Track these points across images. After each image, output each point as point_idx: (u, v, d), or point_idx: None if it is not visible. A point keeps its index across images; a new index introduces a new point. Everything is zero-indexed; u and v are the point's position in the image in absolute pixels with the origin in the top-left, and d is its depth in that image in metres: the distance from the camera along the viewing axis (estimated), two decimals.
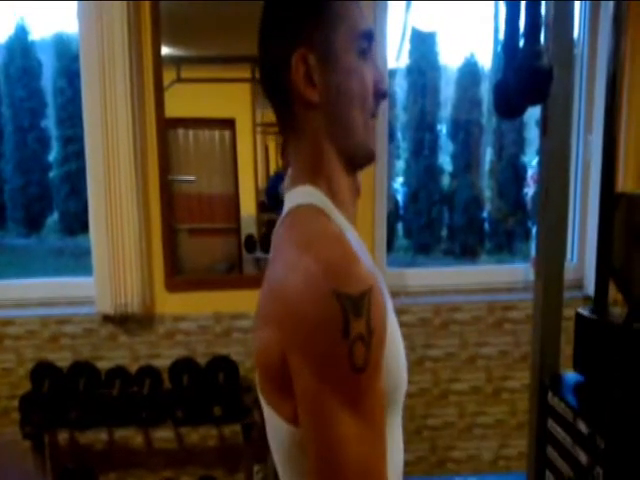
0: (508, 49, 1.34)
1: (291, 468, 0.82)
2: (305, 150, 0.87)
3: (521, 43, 1.30)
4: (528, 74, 1.27)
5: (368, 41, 0.85)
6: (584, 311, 1.58)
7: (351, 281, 0.71)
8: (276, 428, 0.80)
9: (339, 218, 0.83)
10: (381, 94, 0.88)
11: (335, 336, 0.69)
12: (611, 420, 1.37)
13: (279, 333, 0.74)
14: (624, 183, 2.59)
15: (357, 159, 0.89)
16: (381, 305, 0.74)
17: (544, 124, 1.49)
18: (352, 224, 0.87)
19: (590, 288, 2.61)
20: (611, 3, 1.50)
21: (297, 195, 0.86)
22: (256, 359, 0.81)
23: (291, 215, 0.84)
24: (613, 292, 1.70)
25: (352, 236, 0.81)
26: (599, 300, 1.62)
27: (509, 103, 1.38)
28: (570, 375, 1.65)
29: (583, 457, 1.39)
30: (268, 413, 0.82)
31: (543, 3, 1.36)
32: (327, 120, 0.84)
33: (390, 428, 0.81)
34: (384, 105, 2.68)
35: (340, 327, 0.69)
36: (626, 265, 1.50)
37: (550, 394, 1.60)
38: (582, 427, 1.41)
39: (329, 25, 0.83)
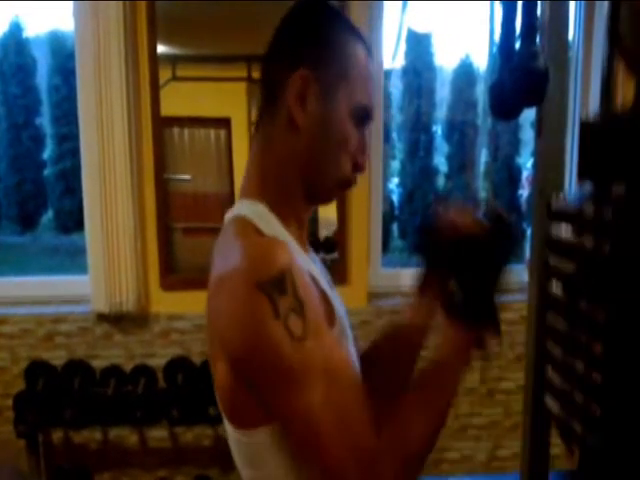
0: (504, 50, 1.34)
1: (252, 473, 0.85)
2: (269, 165, 0.87)
3: (517, 44, 1.30)
4: (524, 75, 1.27)
5: (364, 115, 0.87)
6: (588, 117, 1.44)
7: (269, 266, 0.73)
8: (238, 440, 0.84)
9: (278, 229, 0.84)
10: (357, 164, 0.88)
11: (267, 322, 0.71)
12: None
13: (226, 354, 0.77)
14: None
15: (316, 198, 0.91)
16: (303, 278, 0.76)
17: (539, 125, 1.49)
18: (302, 245, 0.89)
19: None
20: (605, 3, 1.50)
21: (238, 207, 0.88)
22: (216, 386, 0.84)
23: (225, 229, 0.87)
24: None
25: (296, 250, 0.83)
26: (604, 103, 1.53)
27: (505, 104, 1.38)
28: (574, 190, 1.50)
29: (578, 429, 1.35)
30: (229, 429, 0.86)
31: (539, 4, 1.37)
32: (302, 147, 0.85)
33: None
34: (379, 105, 2.69)
35: (269, 312, 0.71)
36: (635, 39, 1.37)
37: (554, 201, 1.48)
38: (579, 398, 1.35)
39: (340, 71, 0.84)
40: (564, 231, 1.45)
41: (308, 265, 0.84)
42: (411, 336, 1.07)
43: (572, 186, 1.55)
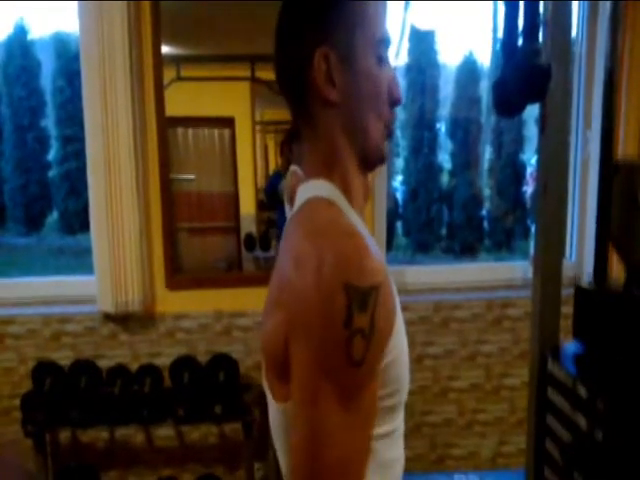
0: (507, 48, 1.35)
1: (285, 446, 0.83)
2: (320, 147, 0.88)
3: (520, 42, 1.31)
4: (526, 73, 1.27)
5: (385, 48, 0.87)
6: (583, 283, 1.59)
7: (361, 274, 0.71)
8: (275, 413, 0.82)
9: (352, 213, 0.84)
10: (396, 100, 0.89)
11: (337, 326, 0.69)
12: (611, 384, 1.38)
13: (285, 319, 0.75)
14: None
15: (370, 160, 0.90)
16: (388, 304, 0.74)
17: (543, 122, 1.49)
18: (364, 222, 0.88)
19: None
20: (609, 2, 1.50)
21: (311, 188, 0.87)
22: (262, 345, 0.82)
23: (304, 207, 0.85)
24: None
25: (365, 232, 0.82)
26: (598, 271, 1.63)
27: (508, 101, 1.39)
28: (569, 345, 1.65)
29: (583, 422, 1.39)
30: (270, 400, 0.83)
31: (541, 2, 1.37)
32: (343, 120, 0.85)
33: (392, 429, 0.82)
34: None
35: (343, 318, 0.69)
36: (625, 232, 1.51)
37: (550, 361, 1.60)
38: (582, 392, 1.41)
39: (350, 27, 0.83)
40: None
41: (376, 251, 0.79)
42: None
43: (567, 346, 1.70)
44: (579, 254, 2.83)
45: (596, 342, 1.47)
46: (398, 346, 0.79)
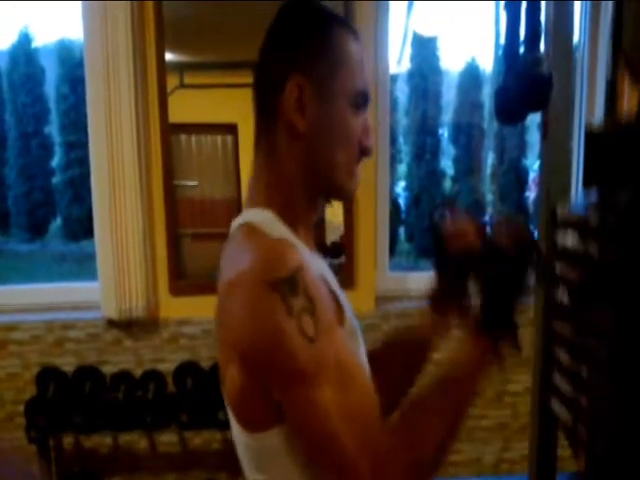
0: (508, 56, 1.36)
1: (259, 477, 0.85)
2: (274, 174, 0.88)
3: (521, 50, 1.32)
4: (528, 82, 1.28)
5: (362, 99, 0.87)
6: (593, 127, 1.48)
7: (279, 265, 0.74)
8: (248, 443, 0.84)
9: (283, 232, 0.85)
10: (364, 148, 0.88)
11: (280, 320, 0.72)
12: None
13: (239, 357, 0.78)
14: None
15: (330, 195, 0.92)
16: (314, 279, 0.77)
17: (545, 129, 1.50)
18: (305, 246, 0.88)
19: None
20: (610, 4, 1.50)
21: (245, 215, 0.88)
22: (230, 401, 0.84)
23: (232, 236, 0.88)
24: None
25: (305, 253, 0.83)
26: (609, 111, 1.56)
27: (510, 109, 1.39)
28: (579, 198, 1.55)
29: (594, 249, 1.32)
30: (239, 433, 0.85)
31: (543, 9, 1.38)
32: (307, 152, 0.86)
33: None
34: (385, 109, 2.70)
35: (281, 310, 0.72)
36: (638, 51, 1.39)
37: (560, 209, 1.51)
38: (593, 221, 1.32)
39: (331, 64, 0.84)
40: (570, 239, 1.46)
41: (318, 265, 0.85)
42: (421, 342, 1.09)
43: (578, 191, 1.55)
44: None
45: (609, 186, 1.30)
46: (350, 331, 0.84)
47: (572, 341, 1.40)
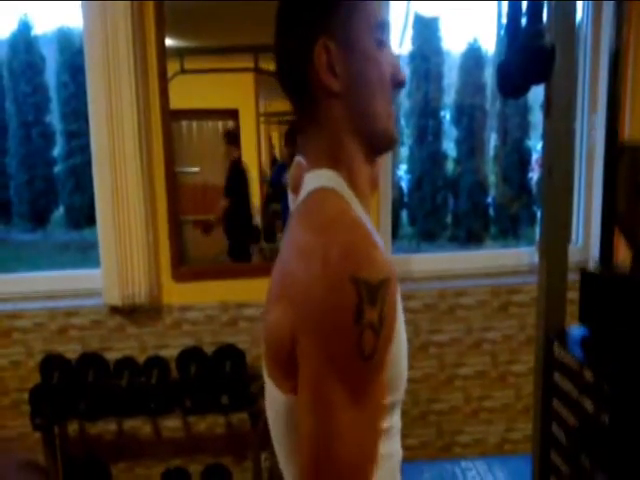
0: (510, 29, 1.33)
1: (286, 438, 0.83)
2: (324, 138, 0.87)
3: (523, 23, 1.30)
4: (530, 54, 1.26)
5: (383, 32, 0.86)
6: (589, 267, 1.59)
7: (370, 267, 0.70)
8: (275, 400, 0.81)
9: (357, 205, 0.84)
10: (398, 83, 0.88)
11: (347, 321, 0.68)
12: (617, 368, 1.37)
13: (291, 313, 0.74)
14: None
15: (379, 145, 0.90)
16: (395, 298, 0.73)
17: (547, 105, 1.48)
18: (368, 215, 0.87)
19: None
20: None
21: (316, 178, 0.86)
22: (264, 336, 0.81)
23: (308, 198, 0.84)
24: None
25: (370, 225, 0.81)
26: (604, 254, 1.62)
27: (512, 83, 1.38)
28: (575, 329, 1.65)
29: (589, 405, 1.39)
30: (269, 386, 0.83)
31: None
32: (349, 108, 0.85)
33: (388, 426, 0.81)
34: None
35: (353, 312, 0.68)
36: (630, 215, 1.50)
37: (556, 345, 1.60)
38: (588, 376, 1.41)
39: (347, 13, 0.83)
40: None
41: (381, 244, 0.79)
42: None
43: (573, 329, 1.69)
44: (585, 239, 2.81)
45: (602, 326, 1.46)
46: (398, 344, 0.78)
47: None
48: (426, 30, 8.95)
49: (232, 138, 2.65)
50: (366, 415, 0.71)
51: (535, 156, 8.69)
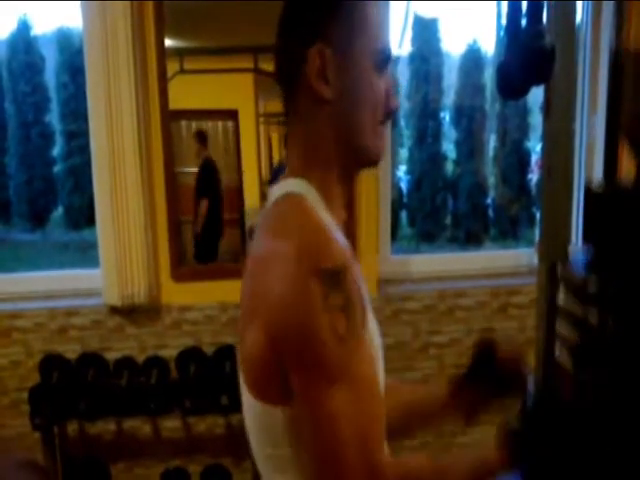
0: (510, 30, 1.34)
1: (269, 451, 0.85)
2: (305, 144, 0.88)
3: (523, 23, 1.30)
4: (530, 55, 1.27)
5: (384, 59, 0.87)
6: (593, 185, 1.55)
7: (330, 257, 0.74)
8: (257, 413, 0.84)
9: (324, 213, 0.85)
10: (390, 110, 0.89)
11: (316, 310, 0.72)
12: (622, 274, 1.31)
13: (266, 328, 0.77)
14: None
15: (360, 161, 0.91)
16: (357, 283, 0.77)
17: (547, 106, 1.48)
18: (339, 228, 0.88)
19: None
20: None
21: (286, 185, 0.87)
22: (244, 360, 0.85)
23: (274, 205, 0.86)
24: None
25: (338, 235, 0.82)
26: (608, 170, 1.59)
27: (512, 84, 1.38)
28: (578, 254, 1.61)
29: (593, 315, 1.36)
30: (247, 396, 0.86)
31: None
32: (336, 119, 0.86)
33: None
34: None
35: (320, 301, 0.72)
36: (637, 121, 1.45)
37: (559, 267, 1.57)
38: (592, 286, 1.37)
39: (351, 28, 0.84)
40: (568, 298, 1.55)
41: (344, 244, 0.84)
42: (430, 408, 1.15)
43: (577, 247, 1.64)
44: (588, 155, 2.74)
45: (607, 244, 1.37)
46: (371, 344, 0.81)
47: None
48: (426, 31, 8.96)
49: (202, 138, 2.67)
50: (359, 394, 0.74)
51: (534, 157, 8.69)
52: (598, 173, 2.63)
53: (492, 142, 9.13)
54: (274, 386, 0.79)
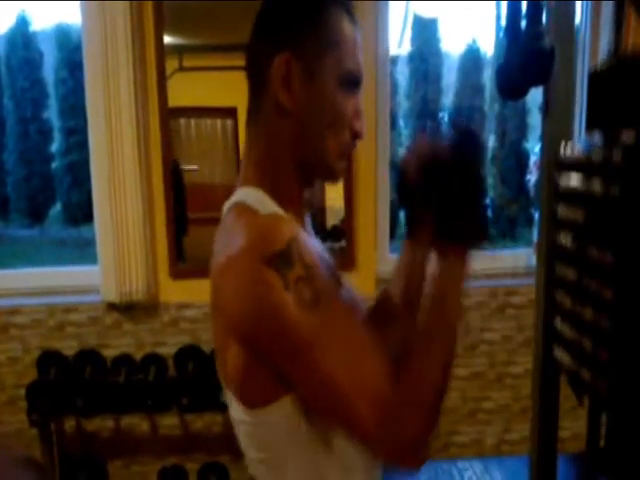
0: (510, 31, 1.34)
1: (262, 456, 0.87)
2: (264, 152, 0.88)
3: (523, 24, 1.30)
4: (529, 56, 1.27)
5: (352, 80, 0.85)
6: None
7: (273, 240, 0.74)
8: (253, 423, 0.84)
9: (275, 209, 0.84)
10: (356, 133, 0.87)
11: (279, 295, 0.73)
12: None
13: (240, 338, 0.79)
14: None
15: (316, 175, 0.91)
16: (307, 246, 0.77)
17: (546, 106, 1.48)
18: (303, 228, 0.89)
19: None
20: None
21: (237, 194, 0.88)
22: (227, 376, 0.85)
23: (225, 218, 0.87)
24: None
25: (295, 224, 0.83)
26: (615, 48, 1.55)
27: (511, 85, 1.38)
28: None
29: (598, 186, 1.27)
30: (242, 415, 0.85)
31: None
32: (295, 130, 0.85)
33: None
34: (386, 92, 2.68)
35: (279, 285, 0.73)
36: None
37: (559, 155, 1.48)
38: (597, 157, 1.28)
39: (322, 44, 0.83)
40: (573, 181, 1.42)
41: (313, 242, 0.85)
42: (416, 278, 1.01)
43: (581, 135, 1.53)
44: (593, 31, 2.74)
45: (613, 126, 1.26)
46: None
47: (576, 284, 1.38)
48: (425, 31, 8.96)
49: None
50: (349, 346, 0.75)
51: (533, 158, 8.70)
52: None
53: (491, 142, 9.13)
54: (265, 386, 0.80)
